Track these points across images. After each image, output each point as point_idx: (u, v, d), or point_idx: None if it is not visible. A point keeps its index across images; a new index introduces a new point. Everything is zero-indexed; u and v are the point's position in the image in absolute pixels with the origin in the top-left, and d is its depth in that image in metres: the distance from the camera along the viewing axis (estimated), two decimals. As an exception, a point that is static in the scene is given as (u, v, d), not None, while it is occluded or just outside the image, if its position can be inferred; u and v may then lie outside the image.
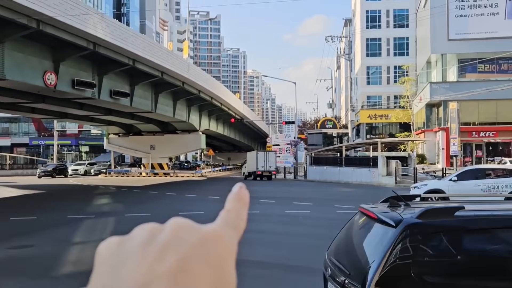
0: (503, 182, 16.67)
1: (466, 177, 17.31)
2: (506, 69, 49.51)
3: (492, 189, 16.64)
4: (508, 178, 16.77)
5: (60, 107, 34.08)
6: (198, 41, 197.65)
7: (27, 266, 9.53)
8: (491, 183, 16.80)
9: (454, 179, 17.38)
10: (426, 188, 17.51)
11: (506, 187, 16.52)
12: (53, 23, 21.31)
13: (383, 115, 68.93)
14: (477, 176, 17.28)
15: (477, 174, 17.49)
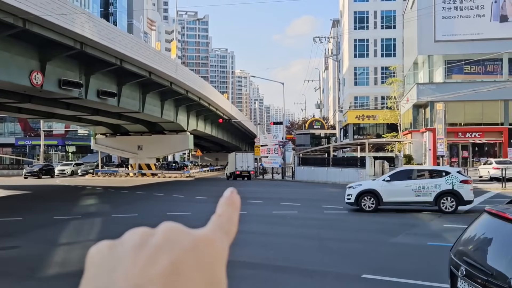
0: (432, 183, 17.21)
1: (398, 177, 17.77)
2: (492, 71, 50.00)
3: (422, 189, 17.19)
4: (437, 178, 17.33)
5: (47, 107, 33.80)
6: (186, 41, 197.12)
7: (12, 267, 9.45)
8: (421, 183, 17.31)
9: (387, 179, 17.80)
10: (361, 188, 17.91)
11: (435, 187, 17.08)
12: (40, 22, 21.13)
13: (371, 116, 69.25)
14: (409, 176, 17.76)
15: (409, 174, 17.96)
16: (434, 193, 17.06)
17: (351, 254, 10.43)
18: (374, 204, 17.55)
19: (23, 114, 39.48)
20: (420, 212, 17.17)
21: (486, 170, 35.48)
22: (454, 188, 17.07)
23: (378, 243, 11.46)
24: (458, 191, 17.02)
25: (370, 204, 17.57)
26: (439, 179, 17.29)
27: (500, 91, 43.15)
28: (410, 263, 9.47)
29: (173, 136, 50.10)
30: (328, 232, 13.51)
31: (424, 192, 17.17)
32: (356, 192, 17.82)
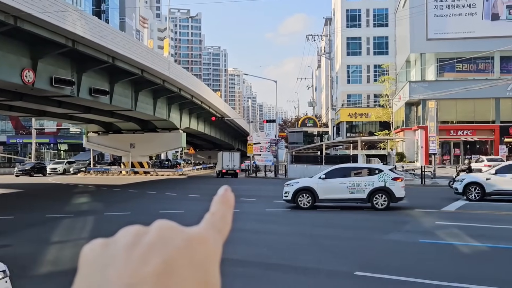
0: (366, 180, 17.63)
1: (333, 175, 18.17)
2: (483, 69, 50.27)
3: (356, 186, 17.63)
4: (371, 176, 17.75)
5: (38, 105, 33.60)
6: (178, 39, 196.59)
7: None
8: (355, 180, 17.74)
9: (323, 177, 18.16)
10: (298, 185, 18.26)
11: (368, 185, 17.52)
12: (31, 19, 21.00)
13: (363, 114, 69.40)
14: (344, 174, 18.16)
15: (344, 172, 18.39)
16: (367, 190, 17.54)
17: (344, 251, 10.46)
18: (310, 201, 17.88)
19: (15, 112, 39.23)
20: (412, 210, 17.25)
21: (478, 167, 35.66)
22: (386, 185, 17.54)
23: (371, 240, 11.50)
24: (390, 188, 17.51)
25: (307, 201, 17.89)
26: (372, 177, 17.74)
27: (491, 89, 43.43)
28: (402, 260, 9.51)
29: (166, 134, 49.98)
30: (320, 230, 13.54)
31: (358, 189, 17.64)
32: (293, 189, 18.19)
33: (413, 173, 36.83)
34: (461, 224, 13.65)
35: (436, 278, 7.69)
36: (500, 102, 48.02)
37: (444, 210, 17.39)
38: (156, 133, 50.20)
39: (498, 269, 8.60)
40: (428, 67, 51.68)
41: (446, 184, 29.58)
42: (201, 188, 32.09)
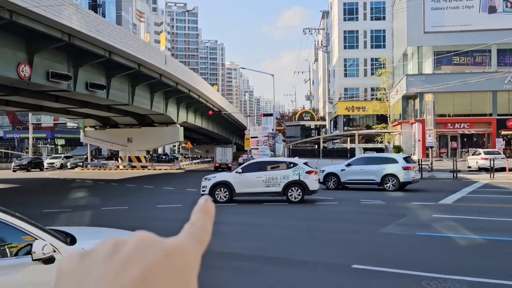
0: (281, 174, 18.00)
1: (250, 169, 18.50)
2: (481, 62, 50.25)
3: (272, 180, 17.98)
4: (286, 170, 18.14)
5: (35, 99, 33.52)
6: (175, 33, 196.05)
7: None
8: (271, 174, 18.07)
9: (240, 171, 18.47)
10: (215, 180, 18.49)
11: (283, 178, 17.91)
12: (27, 14, 20.90)
13: (360, 107, 69.42)
14: (260, 168, 18.48)
15: (260, 166, 18.75)
16: (282, 183, 17.95)
17: (341, 244, 10.48)
18: (227, 195, 18.06)
19: (11, 107, 39.13)
20: (409, 203, 17.28)
21: (475, 160, 35.75)
22: (300, 178, 17.96)
23: (368, 234, 11.52)
24: (304, 181, 17.98)
25: (224, 195, 18.06)
26: (287, 171, 18.12)
27: (488, 82, 43.43)
28: (400, 253, 9.53)
29: (163, 129, 49.94)
30: (317, 223, 13.56)
31: (274, 183, 17.99)
32: (210, 184, 18.38)
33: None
34: (458, 217, 13.68)
35: (433, 270, 7.71)
36: (497, 95, 48.04)
37: (441, 203, 17.43)
38: (153, 127, 50.16)
39: (494, 261, 8.63)
40: (425, 60, 51.64)
41: (443, 177, 29.68)
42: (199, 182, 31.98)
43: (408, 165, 22.73)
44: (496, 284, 7.10)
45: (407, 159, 23.36)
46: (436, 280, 7.14)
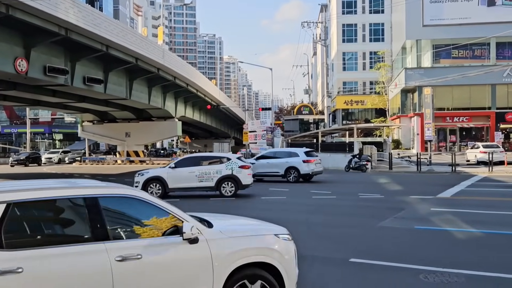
0: (214, 169, 18.13)
1: (183, 164, 18.53)
2: (479, 55, 50.19)
3: (205, 175, 18.06)
4: (219, 164, 18.30)
5: (32, 94, 33.43)
6: (173, 27, 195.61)
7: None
8: (204, 169, 18.16)
9: (172, 166, 18.48)
10: (148, 175, 18.42)
11: (216, 173, 18.03)
12: (23, 8, 20.78)
13: (359, 101, 69.39)
14: (194, 163, 18.56)
15: (194, 161, 18.82)
16: (215, 178, 18.04)
17: (339, 238, 10.44)
18: (160, 190, 17.98)
19: (8, 102, 39.03)
20: (408, 196, 17.25)
21: (474, 154, 35.73)
22: (233, 173, 18.11)
23: (366, 228, 11.48)
24: (237, 176, 18.12)
25: (157, 190, 17.96)
26: (220, 165, 18.25)
27: (487, 75, 43.40)
28: (398, 246, 9.49)
29: (161, 123, 49.86)
30: (317, 217, 13.51)
31: (207, 177, 18.07)
32: (143, 179, 18.32)
33: (409, 160, 36.88)
34: (456, 211, 13.65)
35: (431, 264, 7.67)
36: (496, 89, 48.03)
37: (439, 196, 17.40)
38: (152, 122, 50.07)
39: (492, 254, 8.60)
40: (424, 53, 51.57)
41: (442, 171, 29.68)
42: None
43: (308, 159, 24.85)
44: (494, 277, 7.07)
45: (308, 153, 25.38)
46: (434, 274, 7.11)
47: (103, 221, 4.58)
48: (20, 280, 4.03)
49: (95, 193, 4.71)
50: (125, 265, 4.45)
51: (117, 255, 4.45)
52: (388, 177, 26.92)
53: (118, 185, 5.22)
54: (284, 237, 5.54)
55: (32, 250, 4.20)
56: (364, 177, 27.51)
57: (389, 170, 31.59)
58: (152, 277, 4.61)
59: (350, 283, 7.10)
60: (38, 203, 4.49)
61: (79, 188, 4.91)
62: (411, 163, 34.62)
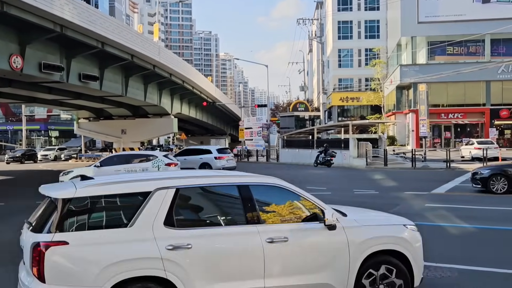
0: (140, 166, 18.36)
1: (109, 163, 18.70)
2: (474, 52, 50.35)
3: (131, 172, 18.11)
4: (146, 162, 18.52)
5: (28, 91, 33.34)
6: (169, 24, 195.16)
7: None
8: (130, 167, 18.27)
9: (98, 165, 18.63)
10: (73, 174, 18.51)
11: (142, 171, 18.19)
12: (18, 4, 20.69)
13: (355, 98, 69.50)
14: (121, 161, 18.74)
15: (120, 160, 19.05)
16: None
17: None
18: None
19: (4, 99, 38.92)
20: (402, 192, 17.35)
21: (468, 150, 35.88)
22: (159, 170, 18.17)
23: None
24: None
25: None
26: (147, 163, 18.45)
27: (482, 72, 43.56)
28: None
29: (157, 120, 49.79)
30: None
31: None
32: (67, 179, 18.38)
33: (404, 156, 37.00)
34: (450, 206, 13.77)
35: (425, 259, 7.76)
36: (490, 85, 48.19)
37: (434, 192, 17.52)
38: (148, 118, 50.00)
39: (485, 250, 8.70)
40: (419, 50, 51.68)
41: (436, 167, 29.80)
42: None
43: (220, 156, 27.53)
44: (487, 272, 7.17)
45: (220, 151, 28.24)
46: (427, 268, 7.19)
47: (254, 206, 5.18)
48: (190, 255, 4.71)
49: (247, 182, 5.38)
50: (274, 246, 5.02)
51: (267, 237, 5.02)
52: (383, 173, 27.02)
53: (265, 176, 5.91)
54: (412, 228, 5.93)
55: (198, 229, 4.94)
56: (359, 174, 27.61)
57: (384, 166, 31.69)
58: (296, 258, 5.14)
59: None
60: (199, 189, 5.25)
61: (233, 177, 5.71)
62: (406, 160, 34.75)
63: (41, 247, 4.41)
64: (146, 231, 4.66)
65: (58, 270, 4.41)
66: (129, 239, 4.61)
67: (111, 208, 4.89)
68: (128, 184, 5.13)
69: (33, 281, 4.47)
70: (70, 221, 4.59)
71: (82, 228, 4.60)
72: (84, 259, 4.45)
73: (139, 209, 4.75)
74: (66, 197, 4.64)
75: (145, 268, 4.57)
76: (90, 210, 4.74)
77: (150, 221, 4.71)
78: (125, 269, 4.49)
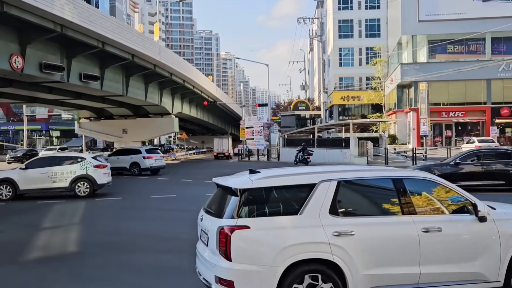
0: (68, 169, 17.96)
1: (35, 165, 18.23)
2: (475, 50, 50.29)
3: (58, 175, 17.83)
4: (73, 165, 18.08)
5: (29, 91, 33.39)
6: (170, 23, 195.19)
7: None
8: (57, 170, 17.89)
9: (23, 167, 18.24)
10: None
11: (70, 173, 17.89)
12: (18, 4, 20.74)
13: (356, 97, 69.47)
14: (47, 164, 18.25)
15: (46, 162, 18.51)
16: (69, 178, 17.87)
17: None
18: (11, 192, 17.64)
19: (4, 99, 38.96)
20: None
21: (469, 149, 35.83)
22: (88, 173, 18.07)
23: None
24: (92, 175, 18.09)
25: (7, 192, 17.62)
26: (74, 165, 18.10)
27: (482, 70, 43.52)
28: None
29: (158, 119, 49.85)
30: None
31: (60, 178, 17.87)
32: None
33: (404, 155, 36.98)
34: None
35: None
36: (491, 83, 48.15)
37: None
38: (148, 118, 50.05)
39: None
40: (419, 49, 51.65)
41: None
42: (193, 173, 32.14)
43: (149, 155, 29.94)
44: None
45: (149, 151, 30.77)
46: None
47: (409, 198, 5.56)
48: (352, 241, 5.15)
49: (401, 175, 5.79)
50: (428, 235, 5.36)
51: (422, 227, 5.38)
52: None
53: (414, 170, 6.44)
54: None
55: (359, 218, 5.40)
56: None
57: (385, 165, 31.70)
58: (450, 247, 5.47)
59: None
60: (358, 181, 5.75)
61: (387, 171, 6.19)
62: (407, 158, 34.73)
63: (226, 231, 5.05)
64: (314, 219, 5.19)
65: (242, 250, 5.04)
66: (300, 225, 5.15)
67: (281, 197, 5.45)
68: (296, 177, 5.73)
69: (219, 259, 5.09)
70: (249, 208, 5.22)
71: (258, 215, 5.21)
72: (263, 242, 5.06)
73: (307, 199, 5.30)
74: (245, 187, 5.27)
75: (315, 251, 5.08)
76: (264, 199, 5.34)
77: (317, 209, 5.24)
78: (298, 251, 5.02)
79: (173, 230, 11.27)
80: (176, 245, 9.51)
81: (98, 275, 7.56)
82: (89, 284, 7.11)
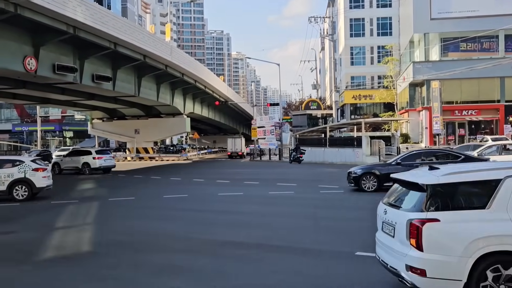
0: (5, 172, 17.55)
1: None
2: (488, 48, 49.80)
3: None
4: (11, 168, 17.70)
5: (42, 92, 33.73)
6: (181, 24, 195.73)
7: (9, 252, 9.52)
8: None
9: None
10: None
11: (8, 176, 17.48)
12: (31, 7, 20.96)
13: (367, 96, 69.15)
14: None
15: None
16: (7, 182, 17.50)
17: (346, 232, 10.52)
18: None
19: (18, 100, 39.39)
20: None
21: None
22: (26, 176, 17.72)
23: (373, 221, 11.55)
24: (30, 179, 17.74)
25: None
26: (12, 169, 17.72)
27: (496, 68, 43.04)
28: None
29: (170, 120, 50.09)
30: (324, 212, 13.61)
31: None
32: None
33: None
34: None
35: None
36: (505, 81, 47.64)
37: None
38: (160, 118, 50.31)
39: None
40: (432, 47, 51.26)
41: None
42: (205, 172, 32.24)
43: (99, 156, 32.07)
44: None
45: (99, 152, 33.40)
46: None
47: None
48: None
49: None
50: None
51: None
52: (396, 171, 26.85)
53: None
54: None
55: None
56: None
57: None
58: None
59: (353, 276, 7.21)
60: None
61: None
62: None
63: (416, 223, 5.34)
64: (502, 213, 5.35)
65: (433, 241, 5.30)
66: (488, 218, 5.33)
67: (467, 192, 5.69)
68: (480, 173, 5.89)
69: (410, 250, 5.38)
70: (436, 202, 5.47)
71: (446, 208, 5.45)
72: (452, 234, 5.30)
73: (493, 194, 5.46)
74: (432, 183, 5.55)
75: (506, 244, 5.22)
76: (450, 194, 5.58)
77: (504, 204, 5.38)
78: (488, 243, 5.20)
79: (186, 230, 11.31)
80: (188, 245, 9.55)
81: (111, 274, 7.61)
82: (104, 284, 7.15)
